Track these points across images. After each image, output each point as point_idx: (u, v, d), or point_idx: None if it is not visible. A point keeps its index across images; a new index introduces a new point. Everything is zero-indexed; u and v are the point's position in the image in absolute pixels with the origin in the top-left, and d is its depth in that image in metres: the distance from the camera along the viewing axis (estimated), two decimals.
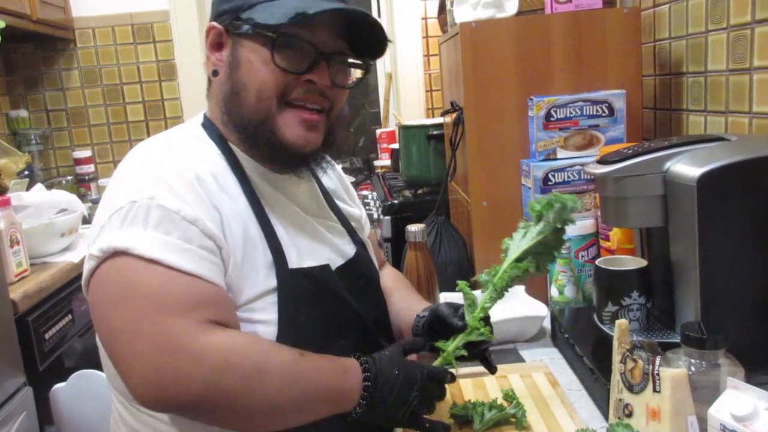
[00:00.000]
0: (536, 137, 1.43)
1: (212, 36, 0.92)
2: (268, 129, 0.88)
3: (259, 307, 0.85)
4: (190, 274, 0.78)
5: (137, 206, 0.79)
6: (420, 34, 2.95)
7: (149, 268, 0.76)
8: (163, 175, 0.82)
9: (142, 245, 0.77)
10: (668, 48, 1.57)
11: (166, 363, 0.73)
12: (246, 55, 0.88)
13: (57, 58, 2.91)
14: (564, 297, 1.35)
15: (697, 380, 0.85)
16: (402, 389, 0.83)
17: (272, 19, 0.85)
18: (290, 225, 0.94)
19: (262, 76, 0.87)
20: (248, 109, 0.88)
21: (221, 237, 0.82)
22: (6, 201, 1.65)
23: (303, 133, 0.89)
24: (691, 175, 0.96)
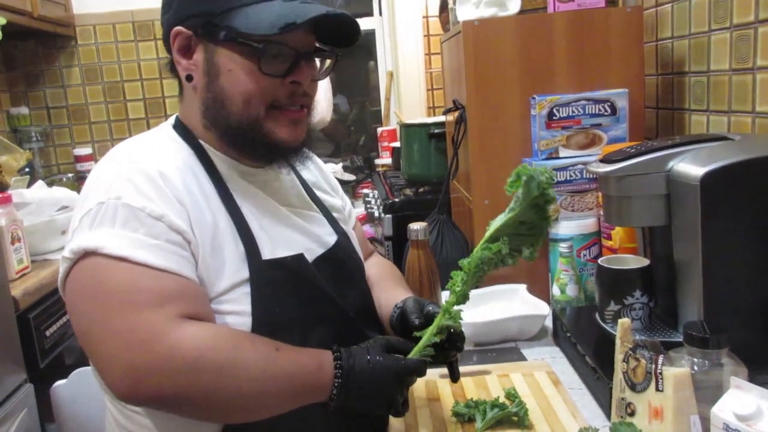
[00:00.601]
0: (538, 136, 1.43)
1: (180, 41, 0.90)
2: (259, 132, 0.90)
3: (233, 299, 0.86)
4: (159, 269, 0.79)
5: (105, 207, 0.81)
6: (421, 33, 2.95)
7: (118, 266, 0.78)
8: (128, 174, 0.84)
9: (110, 244, 0.78)
10: (671, 47, 1.57)
11: (139, 359, 0.75)
12: (226, 64, 0.88)
13: (58, 55, 2.91)
14: (566, 296, 1.34)
15: (700, 379, 0.85)
16: (374, 383, 0.83)
17: (259, 29, 0.85)
18: (264, 216, 0.94)
19: (247, 84, 0.88)
20: (235, 117, 0.89)
21: (189, 231, 0.83)
22: (7, 198, 1.65)
23: (291, 130, 0.92)
24: (695, 174, 0.96)
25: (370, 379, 0.83)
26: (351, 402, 0.83)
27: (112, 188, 0.82)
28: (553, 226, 1.45)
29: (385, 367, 0.84)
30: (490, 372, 1.16)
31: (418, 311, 0.97)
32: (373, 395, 0.84)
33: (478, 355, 1.27)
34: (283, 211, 0.98)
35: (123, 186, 0.82)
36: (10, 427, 1.40)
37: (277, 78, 0.89)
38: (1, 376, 1.43)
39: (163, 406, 0.79)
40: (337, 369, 0.83)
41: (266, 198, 0.97)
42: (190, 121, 0.95)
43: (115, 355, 0.75)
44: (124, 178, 0.83)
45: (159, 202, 0.82)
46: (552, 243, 1.44)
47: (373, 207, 2.34)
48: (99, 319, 0.78)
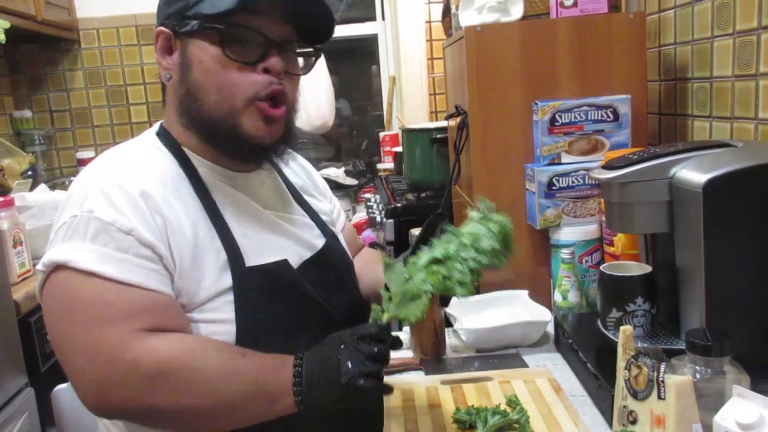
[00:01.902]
0: (541, 141, 1.43)
1: (161, 41, 0.91)
2: (230, 125, 0.89)
3: (216, 307, 0.87)
4: (126, 284, 0.80)
5: (77, 220, 0.82)
6: (424, 37, 2.95)
7: (86, 280, 0.79)
8: (104, 187, 0.84)
9: (78, 258, 0.79)
10: (673, 53, 1.57)
11: (103, 374, 0.77)
12: (197, 55, 0.88)
13: (61, 59, 2.92)
14: (567, 302, 1.34)
15: (702, 387, 0.85)
16: (328, 357, 0.80)
17: (219, 6, 0.84)
18: (248, 222, 0.94)
19: (218, 74, 0.87)
20: (207, 107, 0.88)
21: (161, 245, 0.83)
22: (9, 201, 1.66)
23: (262, 125, 0.90)
24: (698, 181, 0.96)
25: (320, 359, 0.80)
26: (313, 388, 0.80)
27: (86, 201, 0.83)
28: (555, 232, 1.45)
29: (332, 343, 0.82)
30: (491, 378, 1.15)
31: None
32: (328, 378, 0.79)
33: (479, 362, 1.26)
34: (268, 215, 0.98)
35: (96, 199, 0.83)
36: (11, 431, 1.40)
37: (247, 66, 0.87)
38: (3, 380, 1.43)
39: (132, 419, 0.82)
40: (297, 359, 0.82)
41: (250, 203, 0.96)
42: (172, 127, 0.95)
43: (82, 369, 0.78)
44: (99, 191, 0.84)
45: (130, 216, 0.82)
46: (554, 249, 1.44)
47: (375, 212, 2.34)
48: (67, 333, 0.80)
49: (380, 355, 0.81)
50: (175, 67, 0.91)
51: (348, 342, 0.80)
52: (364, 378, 0.78)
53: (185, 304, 0.85)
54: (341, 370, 0.79)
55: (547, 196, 1.42)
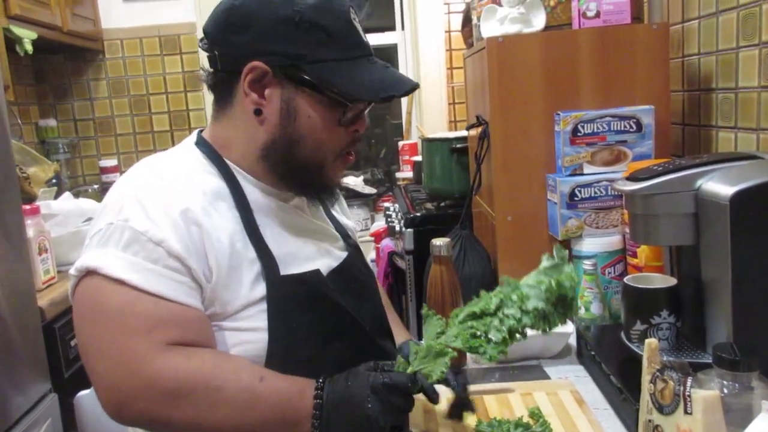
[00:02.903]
0: (563, 152, 1.42)
1: (255, 74, 0.89)
2: (320, 176, 0.94)
3: (248, 316, 0.87)
4: (153, 294, 0.81)
5: (113, 228, 0.83)
6: (443, 47, 2.96)
7: (115, 288, 0.80)
8: (141, 197, 0.85)
9: (109, 266, 0.81)
10: (697, 63, 1.56)
11: (123, 383, 0.78)
12: (306, 109, 0.90)
13: (86, 69, 2.97)
14: (590, 314, 1.33)
15: (729, 402, 0.83)
16: (351, 400, 0.80)
17: (361, 94, 0.89)
18: (282, 232, 0.96)
19: (323, 131, 0.91)
20: (301, 156, 0.92)
21: (191, 258, 0.84)
22: (35, 209, 1.68)
23: (343, 173, 0.99)
24: (724, 193, 0.95)
25: (345, 396, 0.80)
26: (332, 425, 0.81)
27: (123, 210, 0.84)
28: (577, 243, 1.44)
29: (361, 383, 0.81)
30: (513, 390, 1.14)
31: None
32: (352, 415, 0.80)
33: (500, 373, 1.25)
34: (300, 225, 1.00)
35: (133, 208, 0.84)
36: None
37: (344, 126, 0.93)
38: (27, 386, 1.45)
39: (149, 427, 0.83)
40: (318, 390, 0.82)
41: (284, 213, 0.98)
42: (227, 144, 0.95)
43: (103, 376, 0.79)
44: (136, 201, 0.85)
45: (163, 227, 0.83)
46: (576, 260, 1.43)
47: (394, 221, 2.34)
48: (93, 339, 0.81)
49: (408, 408, 0.82)
50: (271, 107, 0.90)
51: (378, 388, 0.80)
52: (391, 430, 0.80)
53: (218, 313, 0.86)
54: (369, 416, 0.79)
55: (569, 207, 1.42)
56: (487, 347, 0.86)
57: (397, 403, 0.80)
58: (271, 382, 0.83)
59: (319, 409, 0.80)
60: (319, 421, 0.80)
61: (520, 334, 0.89)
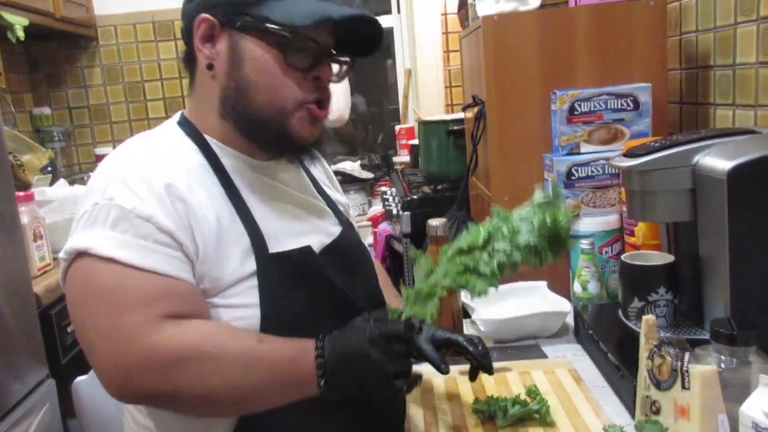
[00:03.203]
0: (559, 131, 1.41)
1: (204, 28, 0.90)
2: (280, 124, 0.90)
3: (239, 292, 0.87)
4: (146, 270, 0.80)
5: (98, 208, 0.82)
6: (440, 30, 2.94)
7: (107, 267, 0.80)
8: (125, 176, 0.85)
9: (98, 245, 0.80)
10: (695, 41, 1.54)
11: (123, 359, 0.77)
12: (252, 51, 0.88)
13: (79, 56, 2.94)
14: (587, 293, 1.33)
15: (727, 377, 0.83)
16: (353, 350, 0.80)
17: (294, 19, 0.86)
18: (271, 209, 0.95)
19: (273, 75, 0.88)
20: (257, 106, 0.89)
21: (180, 233, 0.83)
22: (29, 196, 1.67)
23: (311, 128, 0.93)
24: (722, 168, 0.94)
25: (347, 351, 0.80)
26: (338, 378, 0.80)
27: (108, 189, 0.83)
28: (574, 223, 1.43)
29: (360, 336, 0.81)
30: (510, 369, 1.14)
31: None
32: (356, 368, 0.80)
33: (498, 352, 1.25)
34: (289, 202, 0.99)
35: (117, 187, 0.83)
36: (32, 422, 1.42)
37: (301, 72, 0.89)
38: (24, 372, 1.45)
39: (154, 403, 0.82)
40: (318, 349, 0.81)
41: (272, 189, 0.97)
42: (200, 115, 0.95)
43: (104, 355, 0.78)
44: (119, 179, 0.84)
45: (150, 203, 0.82)
46: (573, 240, 1.42)
47: (392, 204, 2.34)
48: (89, 319, 0.80)
49: (410, 353, 0.82)
50: (221, 58, 0.90)
51: (377, 339, 0.80)
52: (397, 377, 0.80)
53: (209, 289, 0.85)
54: (373, 366, 0.79)
55: (567, 186, 1.41)
56: (476, 281, 0.86)
57: (398, 350, 0.80)
58: (270, 344, 0.82)
59: (321, 368, 0.80)
60: (324, 378, 0.80)
61: (510, 268, 0.88)
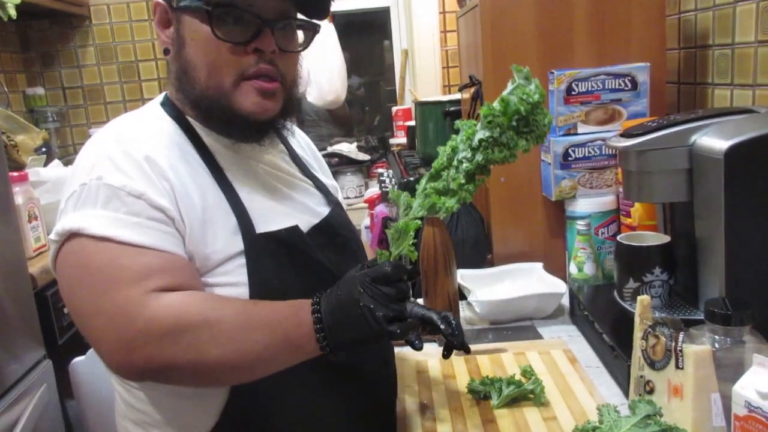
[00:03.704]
0: (556, 111, 1.40)
1: (159, 13, 0.91)
2: (224, 103, 0.88)
3: (228, 270, 0.86)
4: (140, 246, 0.80)
5: (87, 188, 0.82)
6: (437, 10, 2.91)
7: (100, 246, 0.79)
8: (111, 154, 0.84)
9: (91, 225, 0.79)
10: (694, 20, 1.53)
11: (122, 334, 0.77)
12: (189, 32, 0.88)
13: (73, 35, 2.91)
14: (583, 274, 1.33)
15: (721, 357, 0.83)
16: (348, 301, 0.79)
17: None
18: (256, 189, 0.94)
19: (209, 52, 0.87)
20: (200, 86, 0.88)
21: (171, 208, 0.83)
22: (24, 176, 1.66)
23: (259, 100, 0.89)
24: (719, 147, 0.94)
25: (340, 302, 0.80)
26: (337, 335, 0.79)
27: (94, 169, 0.82)
28: (570, 204, 1.43)
29: (351, 285, 0.80)
30: (506, 350, 1.15)
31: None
32: (350, 317, 0.78)
33: (493, 333, 1.26)
34: (275, 182, 0.98)
35: (104, 165, 0.82)
36: (29, 401, 1.42)
37: (239, 45, 0.86)
38: (20, 353, 1.45)
39: (157, 377, 0.80)
40: (315, 305, 0.81)
41: (257, 170, 0.96)
42: (174, 98, 0.94)
43: (103, 332, 0.78)
44: (105, 157, 0.83)
45: (139, 180, 0.82)
46: (569, 221, 1.42)
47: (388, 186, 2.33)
48: (84, 299, 0.79)
49: (401, 294, 0.81)
50: (172, 41, 0.90)
51: (366, 284, 0.79)
52: (390, 322, 0.78)
53: (197, 268, 0.85)
54: (364, 313, 0.78)
55: (563, 167, 1.40)
56: (446, 200, 0.85)
57: (386, 293, 0.79)
58: (266, 306, 0.82)
59: (319, 323, 0.79)
60: (323, 333, 0.79)
61: (480, 172, 0.86)
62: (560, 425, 0.90)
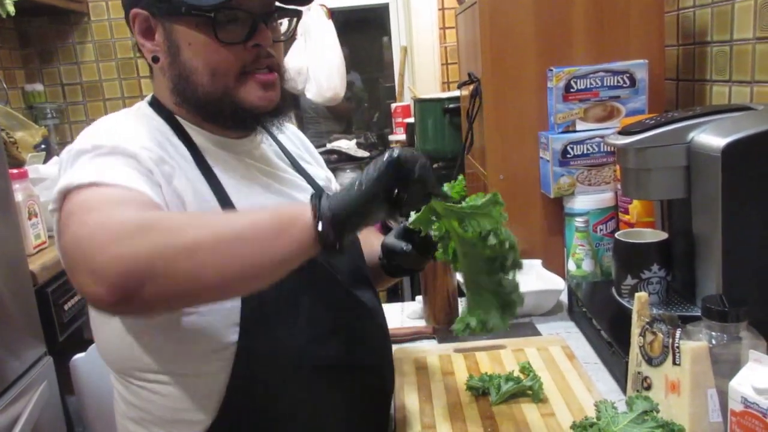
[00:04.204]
0: (555, 109, 1.40)
1: (139, 23, 0.90)
2: (231, 101, 0.89)
3: None
4: (129, 188, 0.77)
5: (77, 152, 0.81)
6: (436, 6, 2.91)
7: (90, 190, 0.76)
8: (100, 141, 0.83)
9: (78, 177, 0.77)
10: (692, 16, 1.53)
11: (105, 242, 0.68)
12: (184, 38, 0.87)
13: (71, 32, 2.91)
14: (582, 271, 1.33)
15: (717, 353, 0.84)
16: (348, 186, 0.72)
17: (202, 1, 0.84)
18: (244, 186, 0.93)
19: (209, 55, 0.87)
20: (204, 89, 0.88)
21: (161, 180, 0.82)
22: (23, 173, 1.67)
23: (263, 93, 0.90)
24: (716, 145, 0.94)
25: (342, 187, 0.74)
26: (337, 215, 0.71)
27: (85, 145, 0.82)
28: (569, 201, 1.43)
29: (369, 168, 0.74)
30: (504, 347, 1.15)
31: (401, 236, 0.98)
32: (353, 195, 0.71)
33: None
34: (265, 179, 0.97)
35: (95, 140, 0.82)
36: (31, 398, 1.43)
37: (238, 44, 0.87)
38: (21, 350, 1.46)
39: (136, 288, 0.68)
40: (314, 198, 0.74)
41: (246, 167, 0.96)
42: (164, 100, 0.94)
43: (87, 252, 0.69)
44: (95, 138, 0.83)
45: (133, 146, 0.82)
46: (568, 218, 1.43)
47: None
48: (73, 237, 0.73)
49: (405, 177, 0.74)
50: (161, 49, 0.90)
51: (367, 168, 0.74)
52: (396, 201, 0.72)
53: None
54: (366, 188, 0.71)
55: (562, 164, 1.41)
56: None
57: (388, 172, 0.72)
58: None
59: (317, 209, 0.71)
60: (318, 201, 0.72)
61: None
62: (558, 421, 0.91)
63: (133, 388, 0.90)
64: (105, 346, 0.92)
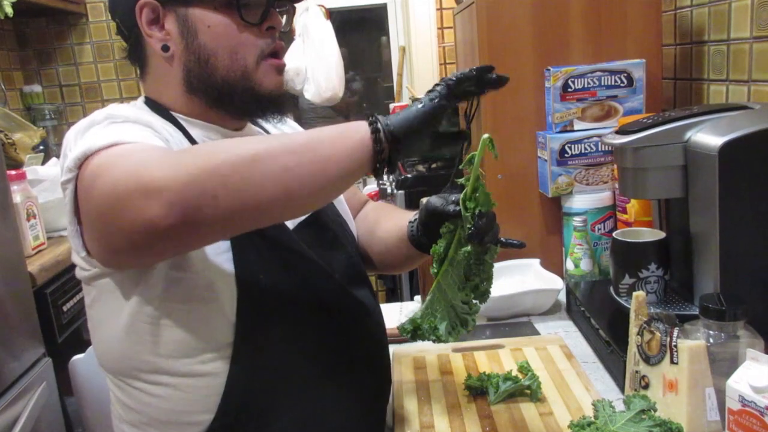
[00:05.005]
0: (553, 108, 1.40)
1: (147, 13, 0.89)
2: (248, 84, 0.90)
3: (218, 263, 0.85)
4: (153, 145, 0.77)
5: (88, 124, 0.81)
6: (434, 6, 2.91)
7: (112, 149, 0.74)
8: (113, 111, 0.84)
9: (98, 140, 0.75)
10: (690, 16, 1.53)
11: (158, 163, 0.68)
12: (203, 21, 0.88)
13: (69, 33, 2.90)
14: (580, 270, 1.33)
15: (715, 352, 0.84)
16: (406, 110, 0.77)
17: None
18: None
19: (230, 37, 0.89)
20: (223, 71, 0.89)
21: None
22: (22, 175, 1.67)
23: (278, 78, 0.93)
24: (713, 144, 0.94)
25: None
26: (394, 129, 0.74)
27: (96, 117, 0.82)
28: (567, 200, 1.43)
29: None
30: (503, 346, 1.15)
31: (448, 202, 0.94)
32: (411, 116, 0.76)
33: (491, 330, 1.26)
34: None
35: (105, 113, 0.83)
36: (29, 399, 1.43)
37: (255, 26, 0.90)
38: (20, 351, 1.46)
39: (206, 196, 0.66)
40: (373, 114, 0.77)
41: None
42: (161, 96, 0.94)
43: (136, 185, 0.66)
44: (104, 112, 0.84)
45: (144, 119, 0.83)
46: (566, 217, 1.43)
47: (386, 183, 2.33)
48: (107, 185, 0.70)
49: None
50: (173, 36, 0.90)
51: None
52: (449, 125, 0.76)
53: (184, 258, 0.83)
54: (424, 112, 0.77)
55: (560, 164, 1.41)
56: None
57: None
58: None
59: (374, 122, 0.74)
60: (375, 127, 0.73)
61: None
62: (556, 420, 0.91)
63: (130, 391, 0.90)
64: (103, 347, 0.92)
